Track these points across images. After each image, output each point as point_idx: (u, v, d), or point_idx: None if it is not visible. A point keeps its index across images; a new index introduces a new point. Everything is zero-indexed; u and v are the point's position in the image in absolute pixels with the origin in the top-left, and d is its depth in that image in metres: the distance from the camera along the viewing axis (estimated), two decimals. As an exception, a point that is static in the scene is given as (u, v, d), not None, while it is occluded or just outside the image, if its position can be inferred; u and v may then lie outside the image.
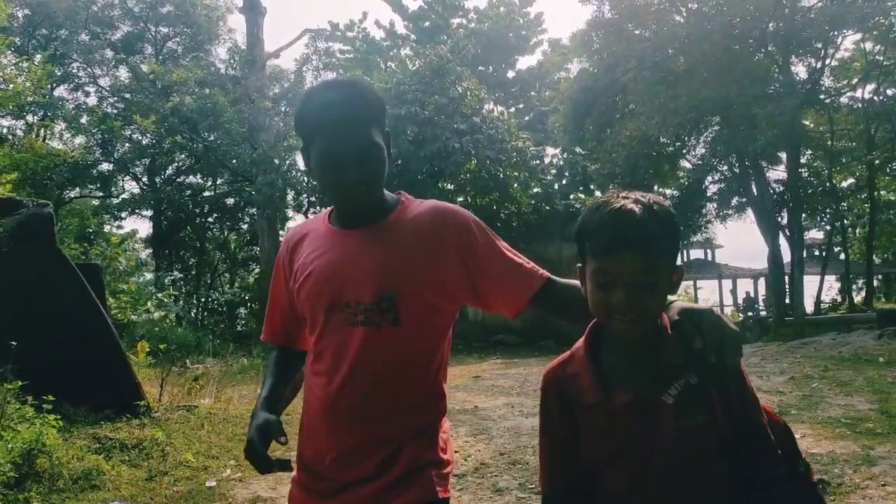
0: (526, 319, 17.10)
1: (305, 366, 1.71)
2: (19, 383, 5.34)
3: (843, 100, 23.28)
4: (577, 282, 1.47)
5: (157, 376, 8.29)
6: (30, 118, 25.75)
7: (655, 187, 25.92)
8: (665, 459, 1.27)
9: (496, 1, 35.59)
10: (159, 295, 15.16)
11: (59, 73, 27.09)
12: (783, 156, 22.39)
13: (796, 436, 5.02)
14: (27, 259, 6.48)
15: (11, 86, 20.61)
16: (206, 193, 31.58)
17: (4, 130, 23.17)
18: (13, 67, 20.66)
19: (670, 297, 1.38)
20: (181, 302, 21.78)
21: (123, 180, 31.90)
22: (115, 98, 30.11)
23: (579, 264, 1.38)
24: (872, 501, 4.58)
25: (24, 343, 5.77)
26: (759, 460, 1.29)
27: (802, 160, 24.51)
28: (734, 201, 24.62)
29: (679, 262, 1.31)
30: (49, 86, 24.62)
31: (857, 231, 32.68)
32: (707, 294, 39.10)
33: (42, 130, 26.41)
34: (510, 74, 36.94)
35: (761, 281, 33.83)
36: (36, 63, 23.98)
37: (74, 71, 29.60)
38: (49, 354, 6.04)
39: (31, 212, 6.72)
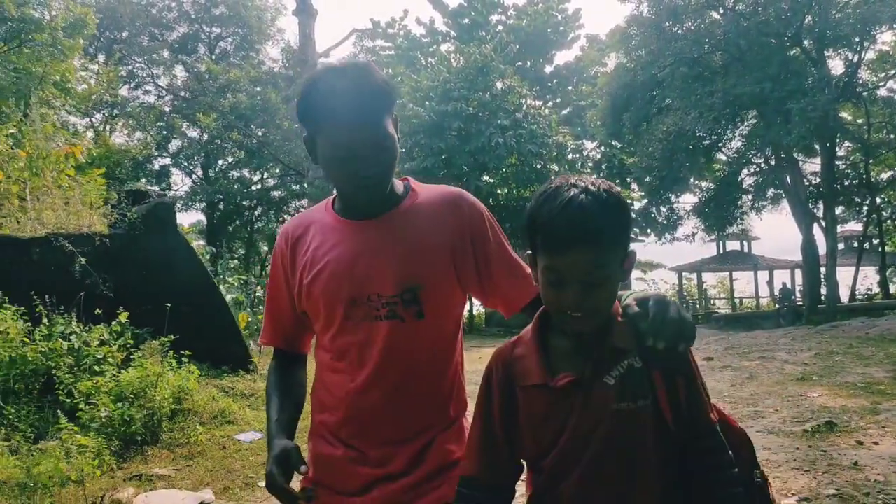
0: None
1: (320, 364, 1.61)
2: (172, 337, 6.55)
3: (881, 92, 23.68)
4: None
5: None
6: (98, 116, 27.41)
7: (692, 180, 26.66)
8: (603, 444, 1.22)
9: (535, -5, 36.36)
10: (230, 279, 16.43)
11: (122, 74, 28.64)
12: (819, 148, 22.90)
13: (813, 395, 6.20)
14: (155, 240, 7.72)
15: (84, 86, 22.20)
16: (255, 187, 33.05)
17: (80, 128, 24.70)
18: (87, 70, 22.25)
19: (631, 289, 1.38)
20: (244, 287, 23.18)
21: (177, 175, 33.52)
22: (172, 96, 31.75)
23: (529, 252, 1.34)
24: (870, 437, 5.54)
25: (157, 309, 7.03)
26: (703, 457, 1.24)
27: (840, 153, 24.96)
28: (769, 193, 25.18)
29: (630, 247, 1.30)
30: (117, 86, 26.11)
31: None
32: (742, 285, 39.46)
33: (107, 127, 28.05)
34: (548, 69, 37.70)
35: (798, 272, 34.15)
36: (100, 63, 25.68)
37: (135, 70, 31.30)
38: (177, 319, 7.26)
39: (157, 201, 7.96)
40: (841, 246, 34.28)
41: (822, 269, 22.55)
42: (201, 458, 5.47)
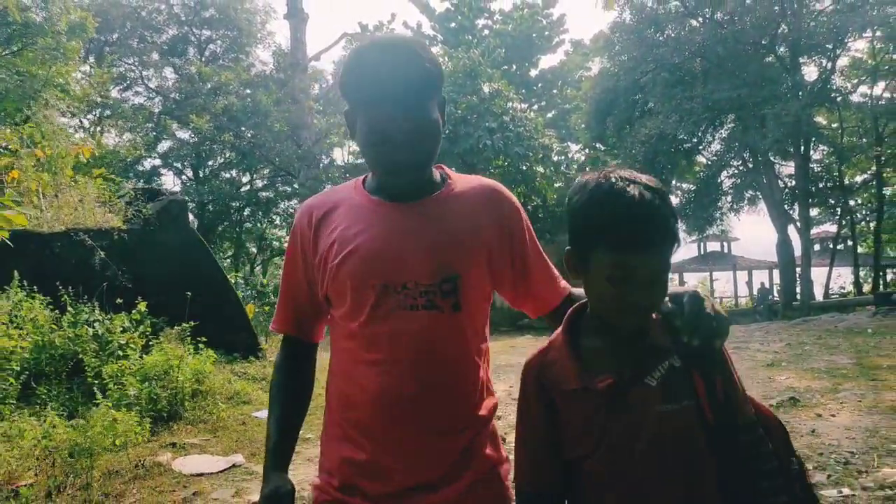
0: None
1: (343, 354, 1.47)
2: (193, 323, 7.05)
3: (855, 97, 24.59)
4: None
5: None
6: (89, 117, 27.69)
7: (673, 181, 27.44)
8: (649, 446, 1.19)
9: (520, 3, 37.08)
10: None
11: (114, 76, 28.91)
12: (793, 151, 23.73)
13: (781, 378, 6.90)
14: (169, 235, 8.21)
15: (79, 88, 22.50)
16: (244, 189, 33.42)
17: (70, 129, 24.97)
18: (80, 72, 22.51)
19: None
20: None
21: (166, 176, 33.82)
22: (162, 98, 32.07)
23: (569, 247, 1.30)
24: (829, 411, 6.16)
25: (172, 299, 7.52)
26: (746, 452, 1.22)
27: (816, 156, 25.83)
28: (747, 195, 26.01)
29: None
30: (109, 87, 26.39)
31: (870, 225, 33.84)
32: (722, 285, 40.38)
33: (98, 128, 28.32)
34: (533, 73, 38.42)
35: (777, 272, 35.07)
36: (92, 65, 25.98)
37: (125, 72, 31.59)
38: (191, 309, 7.76)
39: (170, 198, 8.45)
40: (817, 247, 35.32)
41: (798, 269, 23.38)
42: (224, 431, 5.97)
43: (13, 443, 4.89)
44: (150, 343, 7.01)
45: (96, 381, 6.25)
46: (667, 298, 1.25)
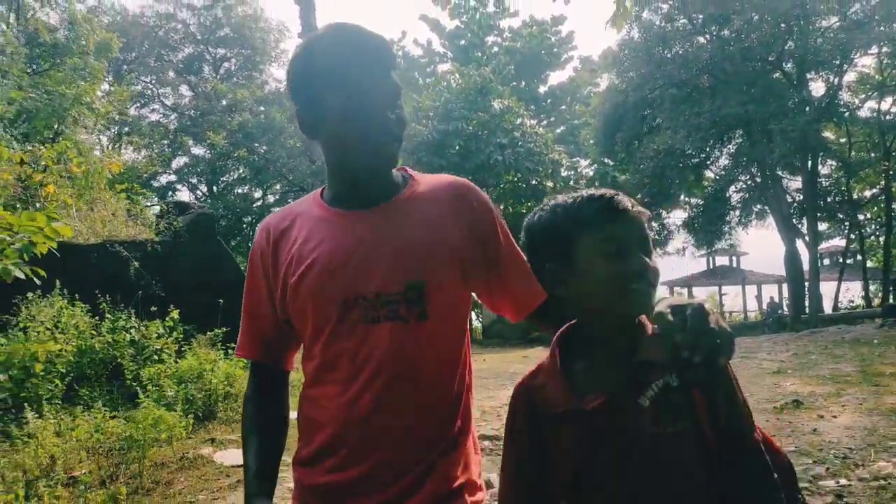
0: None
1: (307, 378, 1.40)
2: (224, 329, 7.44)
3: (862, 112, 24.89)
4: None
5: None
6: (107, 133, 28.35)
7: (682, 196, 27.77)
8: (640, 470, 1.13)
9: (529, 20, 37.71)
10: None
11: (132, 93, 29.59)
12: (801, 166, 24.03)
13: (786, 384, 7.25)
14: (199, 247, 8.62)
15: (101, 106, 23.10)
16: (257, 204, 33.99)
17: (88, 145, 25.57)
18: (101, 90, 23.14)
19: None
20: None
21: (182, 191, 34.45)
22: (177, 114, 32.76)
23: (547, 265, 1.28)
24: (831, 412, 6.46)
25: (202, 307, 7.92)
26: (749, 480, 1.13)
27: (825, 171, 26.12)
28: (755, 209, 26.30)
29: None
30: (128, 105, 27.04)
31: (880, 239, 33.97)
32: (731, 299, 40.53)
33: (117, 145, 28.97)
34: (542, 89, 39.00)
35: (786, 286, 35.22)
36: (109, 83, 26.67)
37: (142, 90, 32.33)
38: (221, 316, 8.14)
39: (199, 211, 8.87)
40: (826, 261, 35.49)
41: (807, 283, 23.61)
42: (257, 430, 6.33)
43: (65, 437, 5.26)
44: (183, 348, 7.40)
45: (135, 384, 6.63)
46: (668, 311, 1.14)
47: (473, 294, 1.47)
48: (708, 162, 26.09)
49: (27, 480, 4.41)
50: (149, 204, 9.15)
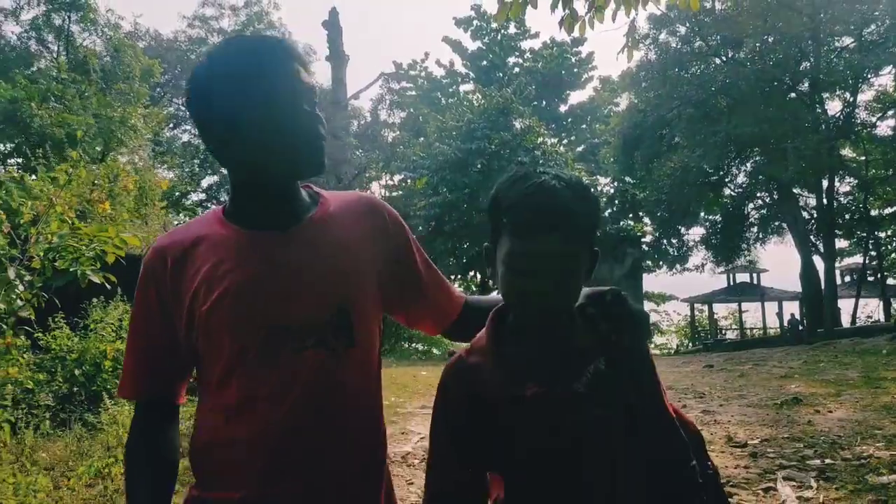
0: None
1: (209, 417, 1.25)
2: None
3: (880, 130, 25.19)
4: (491, 297, 1.41)
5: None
6: (141, 153, 29.51)
7: (700, 213, 28.22)
8: (577, 453, 1.14)
9: (549, 42, 38.54)
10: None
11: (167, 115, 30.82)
12: (816, 184, 24.43)
13: (791, 386, 7.92)
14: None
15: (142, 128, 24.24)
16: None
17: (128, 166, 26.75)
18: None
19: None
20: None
21: (207, 208, 35.51)
22: (208, 135, 33.85)
23: (487, 244, 1.23)
24: (827, 408, 7.01)
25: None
26: (664, 452, 1.19)
27: (844, 188, 26.46)
28: (772, 226, 26.69)
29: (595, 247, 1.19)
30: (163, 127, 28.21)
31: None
32: (753, 316, 40.58)
33: (151, 164, 30.12)
34: (562, 108, 39.78)
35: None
36: (145, 105, 27.87)
37: (174, 111, 33.53)
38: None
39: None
40: (847, 278, 35.54)
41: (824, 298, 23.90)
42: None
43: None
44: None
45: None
46: (587, 298, 1.20)
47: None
48: (726, 180, 26.56)
49: (113, 454, 5.12)
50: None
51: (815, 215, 24.83)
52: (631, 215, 30.34)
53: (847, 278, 36.47)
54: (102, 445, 5.41)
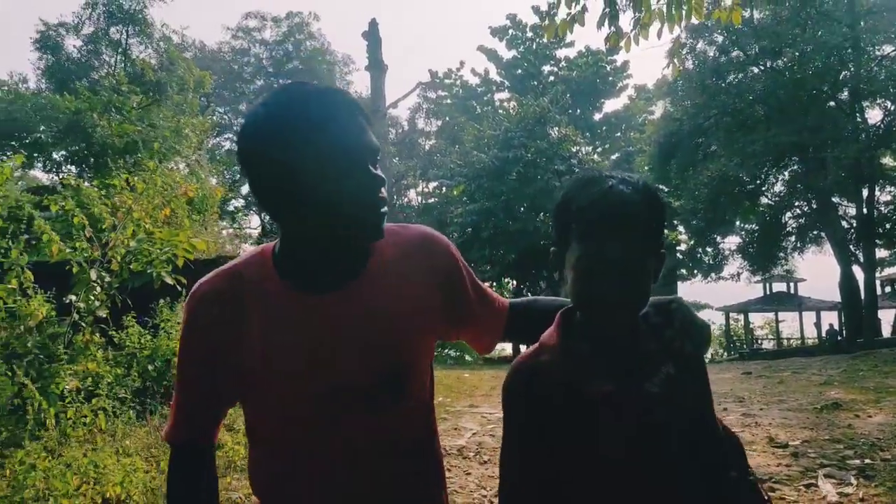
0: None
1: (266, 474, 1.31)
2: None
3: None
4: (535, 299, 1.49)
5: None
6: (199, 161, 30.52)
7: (737, 222, 28.16)
8: (644, 455, 1.16)
9: (584, 50, 38.74)
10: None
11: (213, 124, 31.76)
12: (857, 192, 24.27)
13: (830, 392, 8.17)
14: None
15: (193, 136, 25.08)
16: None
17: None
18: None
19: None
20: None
21: (246, 215, 36.41)
22: (249, 143, 34.76)
23: (553, 248, 1.26)
24: (867, 413, 7.20)
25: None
26: (720, 457, 1.23)
27: (885, 198, 26.22)
28: (811, 234, 26.54)
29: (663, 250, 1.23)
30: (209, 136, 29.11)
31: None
32: (790, 326, 40.20)
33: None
34: (597, 117, 39.94)
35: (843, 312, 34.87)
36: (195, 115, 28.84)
37: (217, 119, 34.55)
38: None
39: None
40: (888, 289, 35.05)
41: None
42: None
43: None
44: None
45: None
46: (652, 309, 1.23)
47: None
48: (763, 188, 26.50)
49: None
50: (251, 227, 10.44)
51: (855, 224, 24.66)
52: (666, 224, 30.37)
53: (888, 288, 35.98)
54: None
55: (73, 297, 6.89)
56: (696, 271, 31.42)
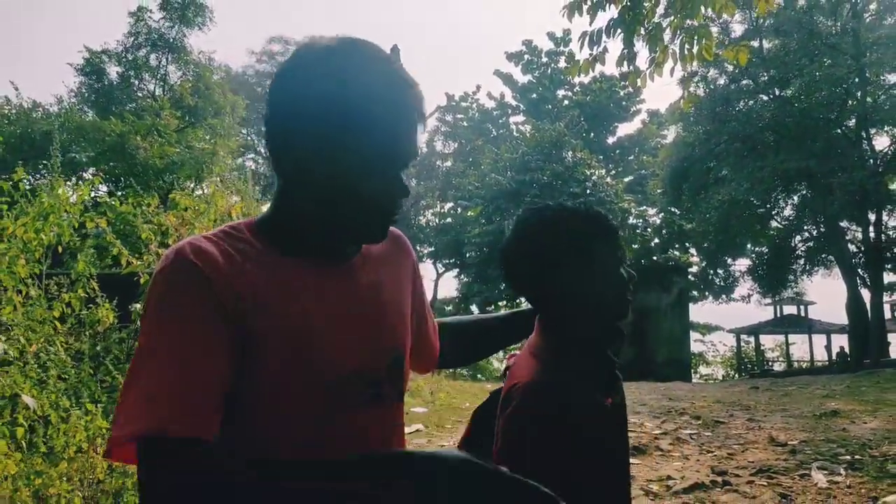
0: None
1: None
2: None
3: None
4: (452, 319, 1.49)
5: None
6: (209, 180, 31.56)
7: (747, 245, 28.79)
8: (626, 449, 1.34)
9: (598, 76, 39.60)
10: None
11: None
12: (863, 218, 24.89)
13: (830, 404, 9.03)
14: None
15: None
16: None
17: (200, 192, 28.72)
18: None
19: None
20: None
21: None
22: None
23: (562, 270, 1.27)
24: (863, 419, 7.86)
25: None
26: None
27: (893, 222, 26.81)
28: (819, 258, 27.12)
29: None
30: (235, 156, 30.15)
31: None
32: (800, 349, 40.51)
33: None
34: (610, 140, 40.72)
35: (855, 336, 35.17)
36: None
37: (242, 140, 35.67)
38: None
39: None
40: (896, 312, 35.40)
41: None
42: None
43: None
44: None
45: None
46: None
47: None
48: (773, 212, 27.16)
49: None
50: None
51: (863, 248, 25.24)
52: (678, 245, 31.09)
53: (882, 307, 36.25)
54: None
55: (138, 306, 7.71)
56: (707, 293, 32.00)
